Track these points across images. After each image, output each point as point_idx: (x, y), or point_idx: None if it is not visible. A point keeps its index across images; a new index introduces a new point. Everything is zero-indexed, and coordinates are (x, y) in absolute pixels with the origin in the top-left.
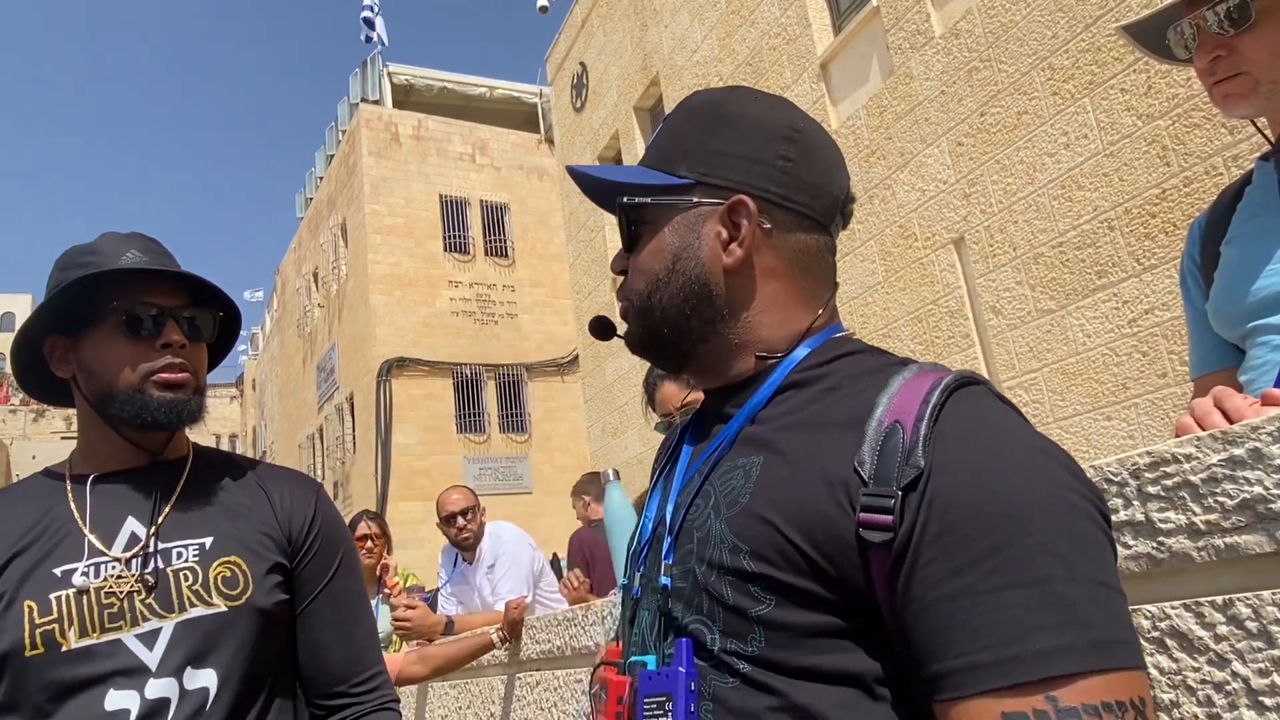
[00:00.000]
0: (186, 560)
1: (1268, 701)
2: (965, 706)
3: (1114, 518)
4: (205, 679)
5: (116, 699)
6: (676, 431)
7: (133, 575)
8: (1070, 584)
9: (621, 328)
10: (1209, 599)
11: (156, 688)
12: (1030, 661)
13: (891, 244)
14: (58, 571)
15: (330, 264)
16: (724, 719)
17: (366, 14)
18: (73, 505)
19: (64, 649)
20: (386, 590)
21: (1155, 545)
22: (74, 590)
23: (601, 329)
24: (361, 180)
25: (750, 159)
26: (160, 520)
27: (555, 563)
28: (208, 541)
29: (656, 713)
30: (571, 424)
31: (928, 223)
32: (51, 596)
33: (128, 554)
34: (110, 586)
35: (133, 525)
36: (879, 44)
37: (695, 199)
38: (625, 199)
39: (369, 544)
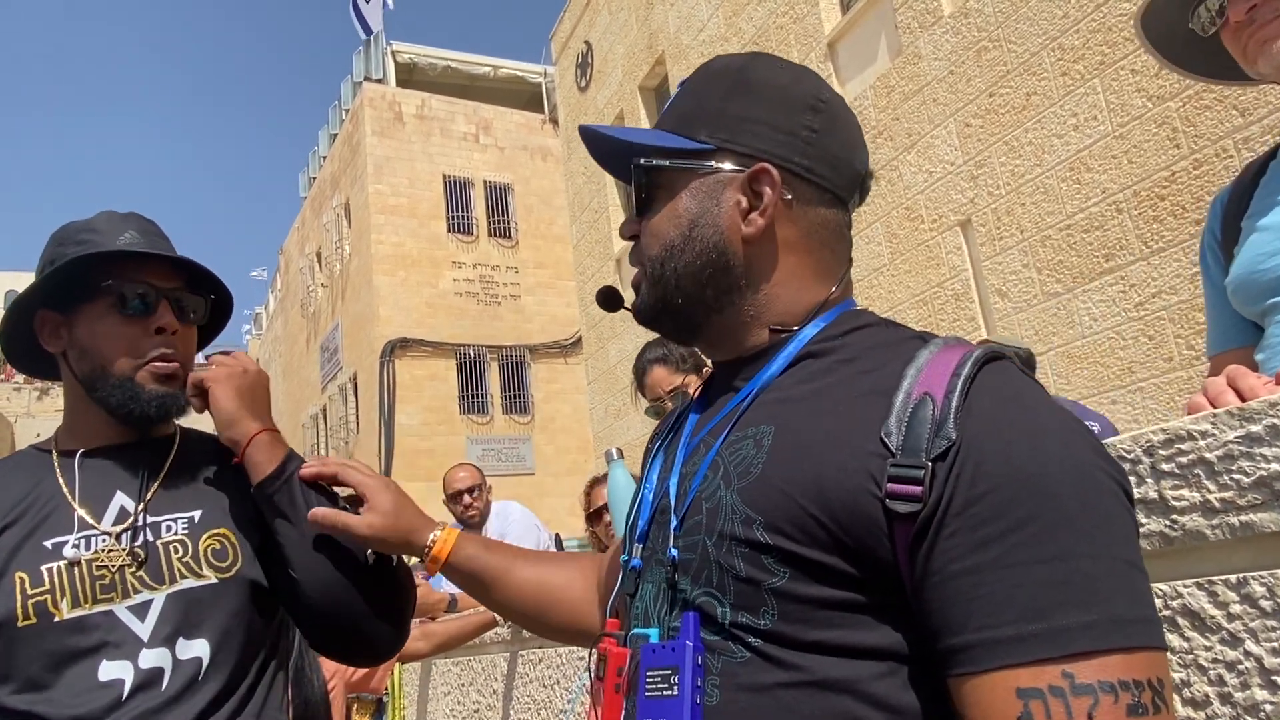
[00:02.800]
0: (176, 533)
1: None
2: (981, 681)
3: None
4: (198, 649)
5: (110, 669)
6: (682, 404)
7: (123, 549)
8: (1095, 561)
9: (631, 298)
10: (1222, 577)
11: (150, 658)
12: (1050, 638)
13: (898, 226)
14: (48, 544)
15: (334, 244)
16: (732, 694)
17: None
18: (60, 479)
19: (56, 619)
20: None
21: (1168, 523)
22: (65, 562)
23: (609, 300)
24: (365, 160)
25: (775, 128)
26: (149, 495)
27: (559, 543)
28: (196, 515)
29: (660, 686)
30: (574, 406)
31: (934, 204)
32: (43, 568)
33: (117, 528)
34: (101, 559)
35: (122, 500)
36: (887, 23)
37: (716, 165)
38: (642, 160)
39: None
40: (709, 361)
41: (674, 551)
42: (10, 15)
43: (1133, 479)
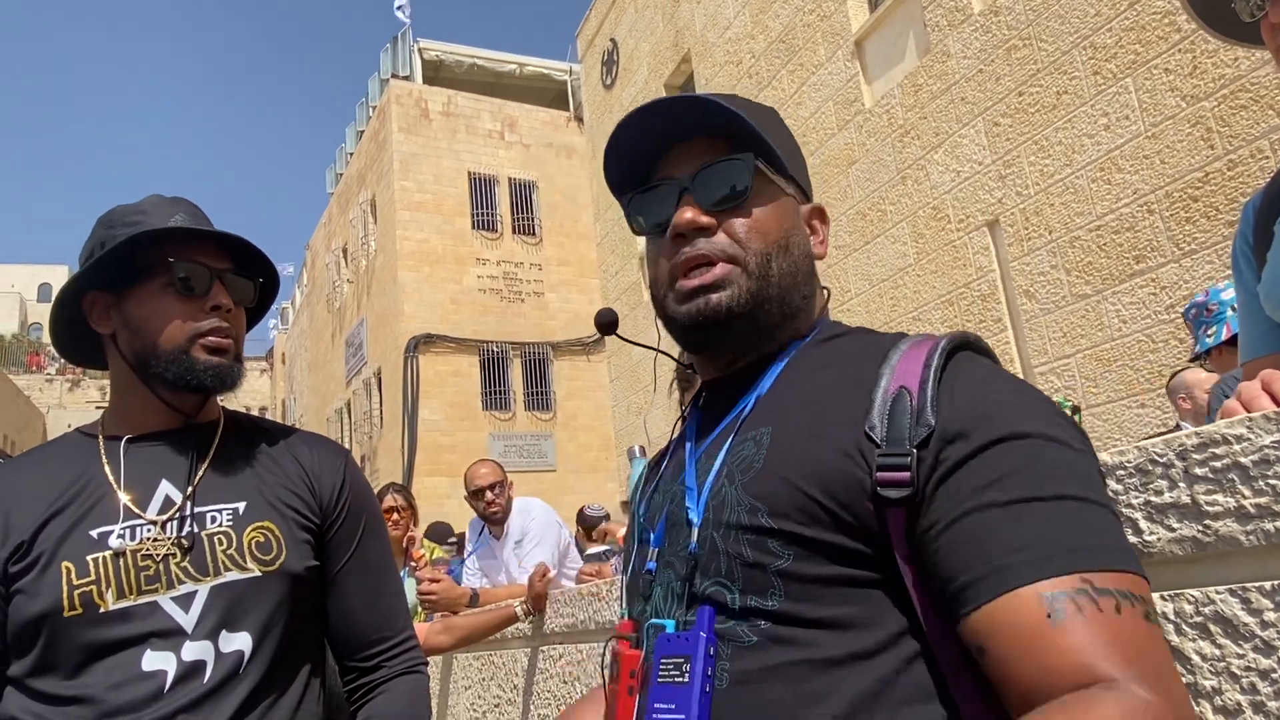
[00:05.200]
0: (221, 525)
1: None
2: (1007, 599)
3: (1158, 500)
4: (240, 642)
5: (153, 660)
6: (678, 430)
7: (168, 538)
8: (1081, 504)
9: (693, 303)
10: (1256, 584)
11: (192, 650)
12: (1065, 556)
13: (924, 225)
14: (94, 533)
15: (359, 240)
16: (741, 677)
17: None
18: (106, 467)
19: (102, 610)
20: (413, 563)
21: (1201, 528)
22: (111, 552)
23: (607, 324)
24: (391, 156)
25: (802, 172)
26: (195, 484)
27: (578, 540)
28: (241, 506)
29: (673, 673)
30: (596, 403)
31: (961, 204)
32: (88, 558)
33: (163, 517)
34: (146, 549)
35: (167, 488)
36: (916, 21)
37: (792, 193)
38: (759, 163)
39: (395, 516)
40: None
41: (694, 546)
42: (31, 12)
43: (1165, 483)
